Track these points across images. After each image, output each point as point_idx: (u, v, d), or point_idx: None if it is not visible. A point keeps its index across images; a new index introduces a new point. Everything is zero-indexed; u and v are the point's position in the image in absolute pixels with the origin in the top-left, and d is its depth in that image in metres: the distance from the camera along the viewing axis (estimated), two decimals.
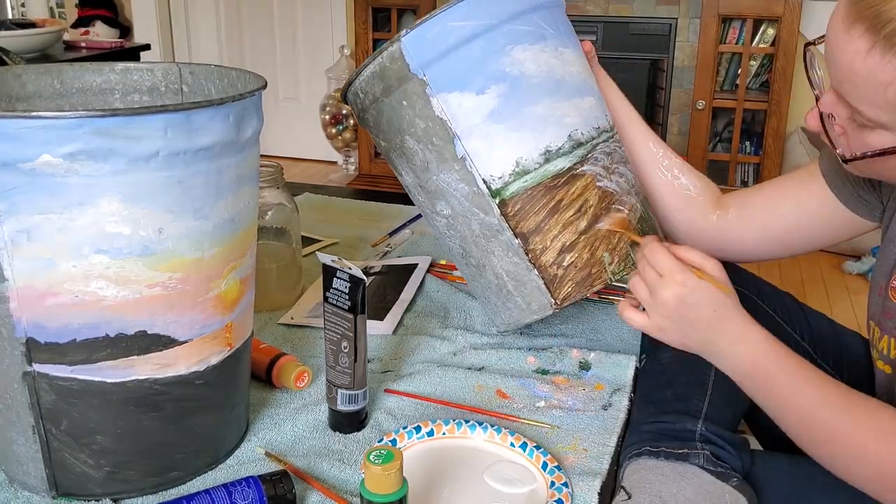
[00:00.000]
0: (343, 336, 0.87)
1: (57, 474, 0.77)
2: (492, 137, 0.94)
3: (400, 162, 1.02)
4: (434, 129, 0.95)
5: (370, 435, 0.91)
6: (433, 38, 0.92)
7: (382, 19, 3.46)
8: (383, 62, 0.95)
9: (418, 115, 0.95)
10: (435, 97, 0.94)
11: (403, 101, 0.95)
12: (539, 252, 0.96)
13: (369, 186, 3.40)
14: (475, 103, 0.94)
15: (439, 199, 0.99)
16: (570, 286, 0.96)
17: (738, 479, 0.81)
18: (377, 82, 0.96)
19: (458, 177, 0.96)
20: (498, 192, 0.95)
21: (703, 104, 3.01)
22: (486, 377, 1.03)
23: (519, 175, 0.95)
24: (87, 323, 0.71)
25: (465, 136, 0.94)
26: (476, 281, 1.04)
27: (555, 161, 0.95)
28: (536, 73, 0.95)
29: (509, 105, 0.94)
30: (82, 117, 0.65)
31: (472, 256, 1.01)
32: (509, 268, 0.98)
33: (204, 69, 0.93)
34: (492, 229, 0.97)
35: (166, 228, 0.71)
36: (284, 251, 1.20)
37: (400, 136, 0.98)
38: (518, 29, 0.95)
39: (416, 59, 0.93)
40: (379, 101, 0.98)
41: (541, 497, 0.80)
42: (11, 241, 0.68)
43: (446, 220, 1.01)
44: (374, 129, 1.02)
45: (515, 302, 1.00)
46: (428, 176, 0.98)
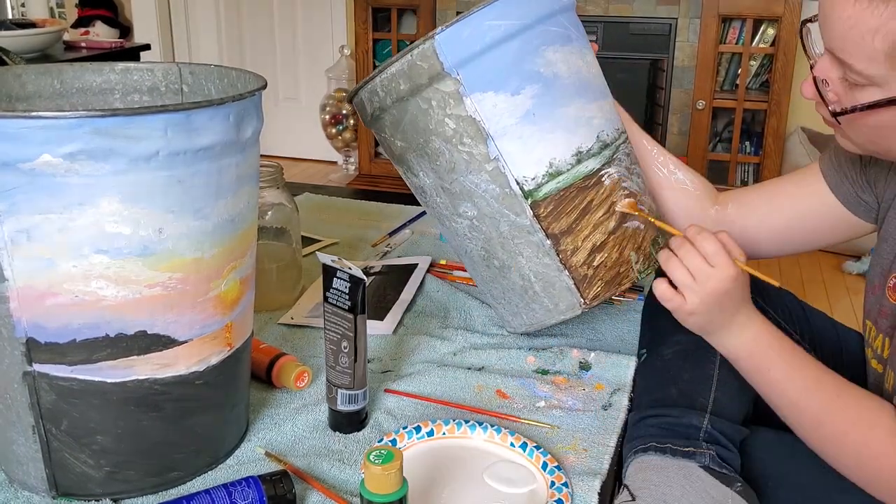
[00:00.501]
0: (343, 336, 0.87)
1: (57, 474, 0.77)
2: (526, 138, 0.94)
3: (419, 163, 1.00)
4: (465, 129, 0.94)
5: (370, 435, 0.91)
6: (469, 37, 0.91)
7: (382, 19, 3.45)
8: (413, 60, 0.92)
9: (448, 116, 0.94)
10: (469, 97, 0.92)
11: (433, 101, 0.94)
12: (570, 252, 0.96)
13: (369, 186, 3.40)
14: (510, 104, 0.93)
15: (464, 201, 0.98)
16: (600, 286, 0.97)
17: (742, 483, 0.82)
18: (404, 81, 0.94)
19: (488, 178, 0.95)
20: (531, 194, 0.95)
21: (703, 104, 3.01)
22: (486, 377, 1.03)
23: (552, 176, 0.95)
24: (87, 323, 0.71)
25: (498, 136, 0.93)
26: (496, 283, 1.04)
27: (586, 162, 0.95)
28: (567, 74, 0.95)
29: (543, 106, 0.94)
30: (82, 117, 0.65)
31: (495, 258, 1.00)
32: (538, 269, 0.98)
33: (204, 69, 0.93)
34: (522, 230, 0.96)
35: (166, 228, 0.71)
36: (284, 251, 1.20)
37: (424, 137, 0.97)
38: (549, 30, 0.95)
39: (451, 57, 0.91)
40: (403, 101, 0.95)
41: (541, 497, 0.80)
42: (11, 241, 0.68)
43: (469, 222, 1.00)
44: (392, 128, 1.00)
45: (542, 303, 1.00)
46: (453, 177, 0.97)
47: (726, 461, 0.84)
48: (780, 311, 1.05)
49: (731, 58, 3.10)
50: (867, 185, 0.93)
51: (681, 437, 0.85)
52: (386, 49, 3.45)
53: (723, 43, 3.01)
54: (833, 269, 2.88)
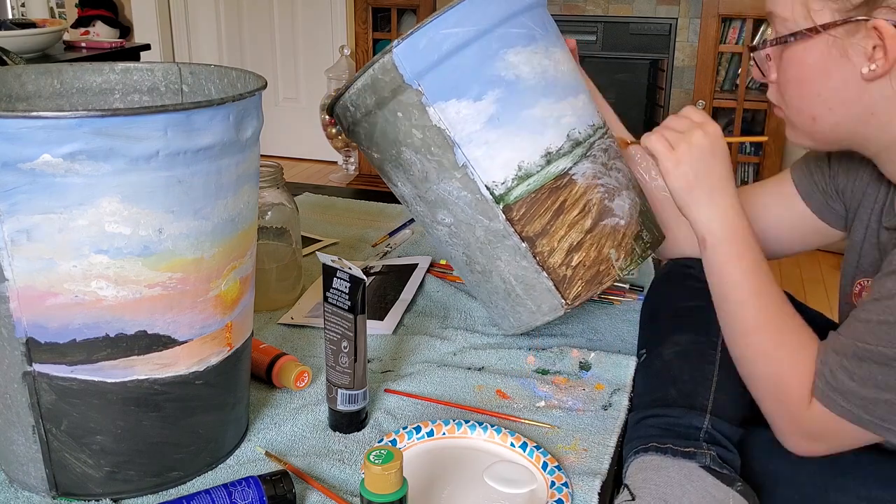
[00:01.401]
0: (343, 336, 0.87)
1: (57, 474, 0.77)
2: (492, 143, 0.94)
3: (396, 173, 1.01)
4: (432, 139, 0.94)
5: (370, 435, 0.91)
6: (425, 47, 0.91)
7: (382, 19, 3.46)
8: (375, 74, 0.93)
9: (415, 126, 0.94)
10: (431, 107, 0.93)
11: (398, 113, 0.94)
12: (547, 254, 0.96)
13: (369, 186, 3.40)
14: (473, 110, 0.93)
15: (440, 209, 0.99)
16: (580, 285, 0.97)
17: (742, 483, 0.82)
18: (369, 95, 0.95)
19: (459, 185, 0.95)
20: (502, 198, 0.95)
21: (703, 104, 3.01)
22: (486, 377, 1.03)
23: (522, 179, 0.94)
24: (87, 323, 0.71)
25: (464, 143, 0.94)
26: (482, 287, 1.04)
27: (556, 162, 0.95)
28: (531, 75, 0.95)
29: (507, 109, 0.93)
30: (82, 117, 0.65)
31: (476, 263, 1.01)
32: (517, 272, 0.97)
33: (204, 69, 0.93)
34: (497, 235, 0.96)
35: (166, 228, 0.71)
36: (284, 251, 1.20)
37: (396, 148, 0.97)
38: (509, 32, 0.94)
39: (410, 69, 0.91)
40: (372, 114, 0.96)
41: (541, 497, 0.80)
42: (11, 241, 0.68)
43: (448, 229, 1.00)
44: (367, 141, 1.01)
45: (525, 305, 1.00)
46: (427, 186, 0.97)
47: (727, 461, 0.84)
48: None
49: (731, 58, 3.10)
50: (836, 195, 0.96)
51: (681, 437, 0.85)
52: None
53: (723, 43, 3.01)
54: (833, 269, 2.88)
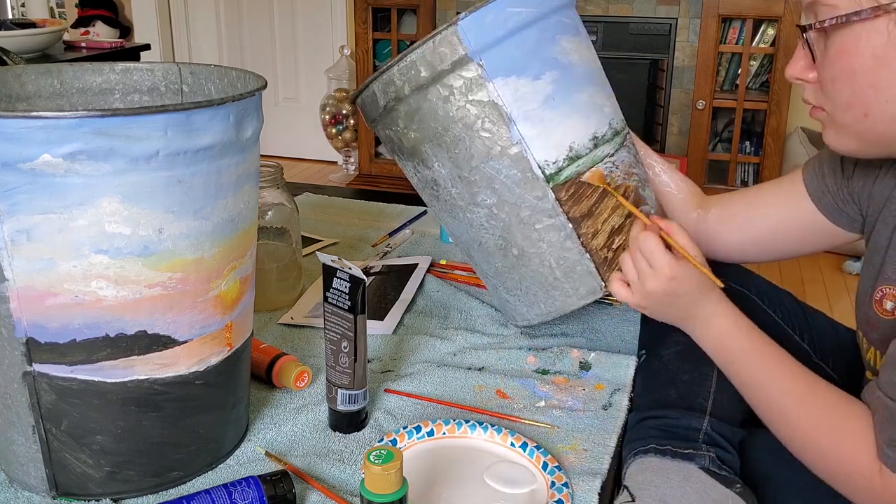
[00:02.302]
0: (343, 336, 0.87)
1: (57, 474, 0.77)
2: (547, 122, 0.95)
3: (435, 153, 0.99)
4: (487, 115, 0.95)
5: (370, 435, 0.91)
6: (491, 22, 0.92)
7: (382, 19, 3.46)
8: (435, 46, 0.93)
9: (470, 101, 0.94)
10: (491, 82, 0.93)
11: (455, 87, 0.94)
12: (591, 236, 0.97)
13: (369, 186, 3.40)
14: (531, 89, 0.94)
15: (483, 189, 0.98)
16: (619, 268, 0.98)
17: (741, 484, 0.82)
18: (424, 68, 0.94)
19: (509, 163, 0.96)
20: (552, 177, 0.96)
21: (703, 104, 3.01)
22: (486, 377, 1.03)
23: (572, 160, 0.96)
24: (87, 323, 0.71)
25: (521, 121, 0.95)
26: (513, 273, 1.03)
27: (602, 146, 0.97)
28: (580, 62, 0.98)
29: (562, 91, 0.95)
30: (82, 117, 0.65)
31: (514, 246, 1.00)
32: (560, 254, 0.98)
33: (204, 69, 0.93)
34: (544, 215, 0.97)
35: (166, 228, 0.71)
36: (284, 251, 1.20)
37: (443, 125, 0.97)
38: (562, 21, 0.97)
39: (474, 43, 0.92)
40: (422, 89, 0.95)
41: (541, 497, 0.80)
42: (11, 241, 0.68)
43: (488, 210, 1.00)
44: (406, 119, 0.99)
45: (562, 289, 1.00)
46: (472, 165, 0.97)
47: (726, 463, 0.84)
48: (780, 311, 1.05)
49: (731, 58, 3.10)
50: (849, 198, 0.94)
51: (680, 438, 0.85)
52: (386, 49, 3.45)
53: (723, 43, 3.01)
54: (833, 269, 2.88)
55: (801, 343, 1.04)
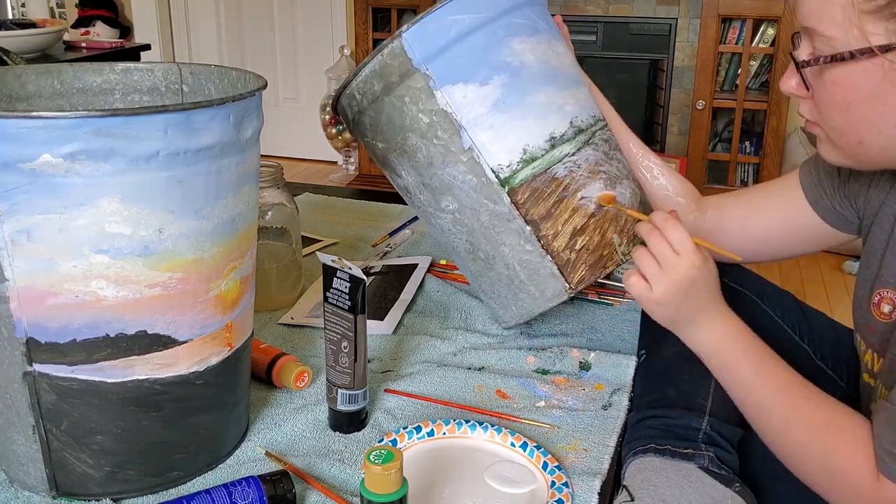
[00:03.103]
0: (343, 336, 0.87)
1: (57, 474, 0.77)
2: (498, 127, 0.95)
3: (400, 161, 1.02)
4: (439, 123, 0.95)
5: (370, 435, 0.91)
6: (434, 32, 0.93)
7: (382, 19, 3.46)
8: (384, 59, 0.95)
9: (421, 111, 0.95)
10: (439, 90, 0.94)
11: (406, 98, 0.96)
12: (551, 237, 0.97)
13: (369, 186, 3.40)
14: (479, 94, 0.95)
15: (444, 195, 0.99)
16: (584, 269, 0.98)
17: (741, 484, 0.82)
18: (377, 81, 0.97)
19: (465, 169, 0.96)
20: (507, 181, 0.96)
21: (703, 104, 3.01)
22: (486, 377, 1.03)
23: (527, 162, 0.96)
24: (87, 323, 0.71)
25: (470, 126, 0.95)
26: (484, 276, 1.04)
27: (560, 147, 0.97)
28: (535, 63, 0.97)
29: (512, 94, 0.95)
30: (82, 117, 0.65)
31: (480, 250, 1.01)
32: (522, 256, 0.98)
33: (204, 69, 0.93)
34: (502, 219, 0.97)
35: (166, 228, 0.71)
36: (284, 251, 1.20)
37: (402, 134, 0.98)
38: (514, 22, 0.96)
39: (419, 53, 0.93)
40: (379, 101, 0.98)
41: (541, 497, 0.80)
42: (12, 241, 0.68)
43: (452, 216, 1.01)
44: (372, 131, 1.02)
45: (529, 291, 1.00)
46: (432, 172, 0.98)
47: (725, 462, 0.84)
48: (779, 311, 1.05)
49: (731, 58, 3.10)
50: (845, 201, 0.94)
51: (680, 438, 0.85)
52: None
53: (723, 43, 3.01)
54: (833, 269, 2.88)
55: (800, 343, 1.04)
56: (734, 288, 1.00)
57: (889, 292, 0.84)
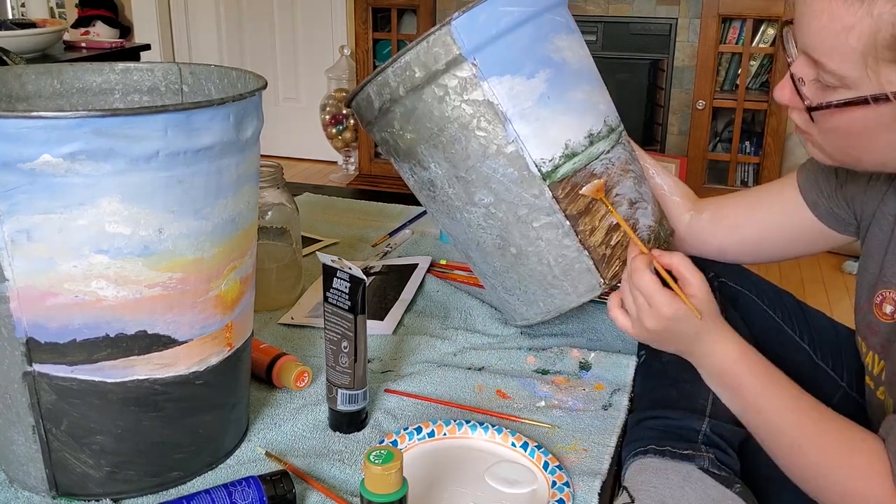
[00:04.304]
0: (343, 336, 0.87)
1: (57, 474, 0.77)
2: (542, 120, 0.95)
3: (432, 154, 1.00)
4: (483, 114, 0.95)
5: (370, 435, 0.91)
6: (484, 21, 0.93)
7: (382, 19, 3.46)
8: (429, 46, 0.93)
9: (465, 101, 0.95)
10: (486, 81, 0.94)
11: (449, 87, 0.94)
12: (588, 233, 0.97)
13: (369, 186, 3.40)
14: (526, 87, 0.95)
15: (480, 188, 0.99)
16: (618, 265, 0.98)
17: (741, 484, 0.82)
18: (419, 68, 0.94)
19: (506, 161, 0.96)
20: (548, 175, 0.96)
21: (703, 104, 3.01)
22: (486, 377, 1.02)
23: (568, 157, 0.96)
24: (87, 323, 0.71)
25: (516, 119, 0.95)
26: (511, 272, 1.03)
27: (597, 144, 0.97)
28: (574, 60, 0.98)
29: (556, 89, 0.96)
30: (82, 117, 0.65)
31: (512, 245, 1.00)
32: (558, 251, 0.98)
33: (204, 69, 0.93)
34: (541, 213, 0.97)
35: (166, 228, 0.71)
36: (284, 251, 1.20)
37: (439, 125, 0.97)
38: (555, 19, 0.98)
39: (468, 42, 0.92)
40: (418, 89, 0.95)
41: (542, 497, 0.80)
42: (12, 241, 0.68)
43: (485, 210, 1.00)
44: (402, 120, 0.99)
45: (561, 287, 1.00)
46: (469, 164, 0.97)
47: (725, 464, 0.84)
48: (779, 311, 1.05)
49: (731, 58, 3.10)
50: (843, 202, 0.94)
51: (680, 439, 0.85)
52: (386, 49, 3.46)
53: (723, 43, 3.01)
54: (833, 269, 2.88)
55: (801, 343, 1.04)
56: (734, 288, 1.00)
57: (891, 293, 0.83)
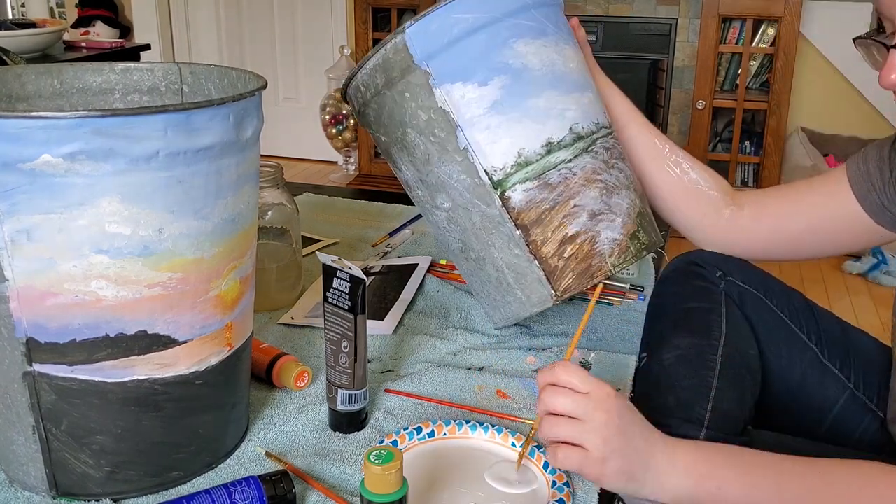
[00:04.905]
0: (343, 336, 0.87)
1: (57, 474, 0.77)
2: (494, 128, 0.95)
3: (400, 156, 1.02)
4: (436, 121, 0.96)
5: (370, 435, 0.91)
6: (437, 29, 0.93)
7: (382, 19, 3.46)
8: (386, 54, 0.96)
9: (420, 107, 0.96)
10: (438, 88, 0.94)
11: (406, 93, 0.96)
12: (540, 243, 0.96)
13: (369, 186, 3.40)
14: (478, 94, 0.94)
15: (440, 192, 1.00)
16: (571, 278, 0.97)
17: None
18: (379, 75, 0.97)
19: (459, 168, 0.97)
20: (499, 184, 0.96)
21: (703, 104, 3.01)
22: (486, 377, 1.02)
23: (521, 166, 0.95)
24: (87, 323, 0.71)
25: (467, 126, 0.95)
26: (475, 275, 1.04)
27: (556, 153, 0.96)
28: (539, 66, 0.96)
29: (512, 97, 0.95)
30: (82, 117, 0.65)
31: (472, 250, 1.01)
32: (510, 260, 0.98)
33: (204, 69, 0.93)
34: (493, 221, 0.97)
35: (166, 228, 0.71)
36: (284, 251, 1.20)
37: (401, 129, 0.99)
38: (520, 23, 0.96)
39: (420, 50, 0.94)
40: (381, 94, 0.98)
41: (542, 497, 0.80)
42: (11, 241, 0.68)
43: (446, 214, 1.01)
44: (375, 123, 1.02)
45: (515, 295, 1.00)
46: (429, 169, 0.99)
47: None
48: (787, 310, 1.04)
49: (731, 58, 3.10)
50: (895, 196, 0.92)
51: None
52: None
53: (723, 43, 3.01)
54: (833, 268, 2.88)
55: (808, 343, 1.02)
56: (741, 286, 0.99)
57: None
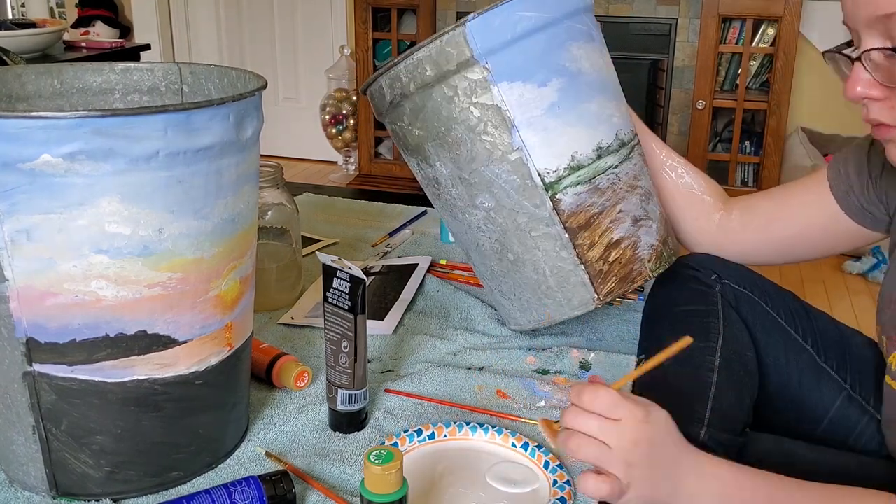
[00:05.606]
0: (343, 336, 0.87)
1: (57, 474, 0.77)
2: (550, 130, 0.94)
3: (438, 152, 0.99)
4: (490, 119, 0.94)
5: (370, 435, 0.91)
6: (500, 25, 0.91)
7: (382, 19, 3.46)
8: (442, 46, 0.93)
9: (474, 104, 0.94)
10: (496, 86, 0.93)
11: (459, 88, 0.94)
12: (587, 247, 0.97)
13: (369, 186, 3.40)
14: (536, 95, 0.93)
15: (482, 192, 0.98)
16: (614, 282, 0.97)
17: None
18: (430, 67, 0.94)
19: (509, 168, 0.95)
20: (551, 186, 0.95)
21: (703, 104, 3.01)
22: (486, 377, 1.02)
23: (573, 170, 0.95)
24: (87, 323, 0.71)
25: (523, 127, 0.94)
26: (507, 277, 1.03)
27: (605, 158, 0.96)
28: (590, 70, 0.96)
29: (568, 99, 0.94)
30: (82, 117, 0.65)
31: (510, 252, 1.00)
32: (554, 263, 0.98)
33: (204, 69, 0.93)
34: (541, 223, 0.97)
35: (166, 228, 0.71)
36: (284, 251, 1.20)
37: (446, 125, 0.96)
38: (574, 26, 0.96)
39: (481, 45, 0.92)
40: (428, 87, 0.95)
41: (543, 495, 0.80)
42: (11, 241, 0.68)
43: (486, 214, 1.00)
44: (411, 116, 0.99)
45: (555, 298, 1.00)
46: (473, 167, 0.97)
47: None
48: (782, 312, 1.04)
49: (731, 58, 3.10)
50: (874, 198, 0.92)
51: None
52: (386, 49, 3.46)
53: (723, 43, 3.01)
54: (833, 269, 2.88)
55: (804, 345, 1.03)
56: (736, 289, 1.00)
57: None
